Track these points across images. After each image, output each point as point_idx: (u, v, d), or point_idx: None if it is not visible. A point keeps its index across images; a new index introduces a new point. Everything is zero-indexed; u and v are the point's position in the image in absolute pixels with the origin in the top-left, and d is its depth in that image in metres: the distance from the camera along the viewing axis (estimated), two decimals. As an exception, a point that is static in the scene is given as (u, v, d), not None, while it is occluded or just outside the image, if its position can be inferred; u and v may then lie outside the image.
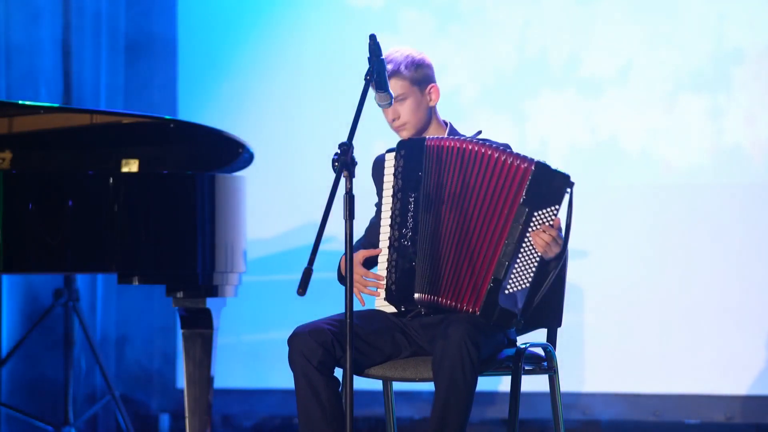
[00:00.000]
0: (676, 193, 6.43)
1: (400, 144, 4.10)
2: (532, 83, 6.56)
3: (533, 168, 3.97)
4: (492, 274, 3.97)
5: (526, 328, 4.30)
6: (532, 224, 3.96)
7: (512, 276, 3.97)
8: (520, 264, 3.97)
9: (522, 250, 3.97)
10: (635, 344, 6.42)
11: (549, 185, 3.96)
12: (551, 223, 3.95)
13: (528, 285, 3.97)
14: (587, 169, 6.49)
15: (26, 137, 5.52)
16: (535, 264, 3.97)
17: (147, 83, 6.88)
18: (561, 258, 4.00)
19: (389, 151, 4.10)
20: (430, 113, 4.24)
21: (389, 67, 4.14)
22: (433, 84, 4.23)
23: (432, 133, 4.22)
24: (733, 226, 6.37)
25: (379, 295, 4.05)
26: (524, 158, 3.99)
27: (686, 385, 6.40)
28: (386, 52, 4.12)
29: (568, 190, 3.96)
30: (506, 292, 3.97)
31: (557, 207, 3.96)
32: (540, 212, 3.96)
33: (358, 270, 4.07)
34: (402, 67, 4.18)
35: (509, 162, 3.99)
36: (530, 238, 3.96)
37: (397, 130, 4.21)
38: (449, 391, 3.85)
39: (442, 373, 3.86)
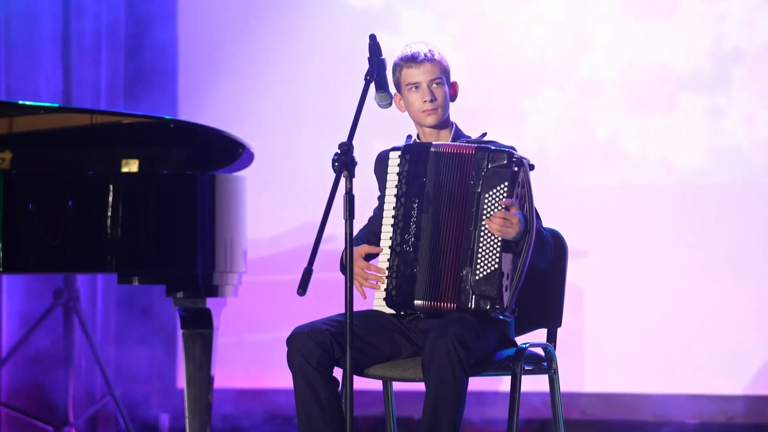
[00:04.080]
0: (675, 193, 6.43)
1: (407, 148, 4.06)
2: (531, 83, 6.56)
3: (474, 151, 3.96)
4: (461, 262, 3.95)
5: (525, 328, 4.30)
6: (486, 206, 3.93)
7: (479, 260, 3.93)
8: (484, 247, 3.93)
9: (482, 233, 3.93)
10: (635, 344, 6.42)
11: (493, 165, 3.93)
12: (500, 205, 3.91)
13: (497, 266, 3.92)
14: (587, 169, 6.49)
15: (26, 137, 5.52)
16: (498, 244, 3.93)
17: (147, 83, 6.88)
18: (527, 235, 3.93)
19: (394, 149, 4.07)
20: (449, 109, 4.23)
21: (422, 51, 4.14)
22: (455, 81, 4.23)
23: (443, 132, 4.21)
24: (733, 226, 6.37)
25: (379, 288, 4.04)
26: (472, 146, 3.98)
27: (686, 385, 6.40)
28: (407, 45, 4.16)
29: (515, 168, 3.93)
30: (477, 277, 3.95)
31: (506, 184, 3.92)
32: (490, 193, 3.94)
33: (360, 263, 4.06)
34: (437, 54, 4.16)
35: (462, 152, 3.98)
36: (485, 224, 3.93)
37: (427, 113, 4.14)
38: (439, 392, 3.84)
39: (430, 375, 3.85)
